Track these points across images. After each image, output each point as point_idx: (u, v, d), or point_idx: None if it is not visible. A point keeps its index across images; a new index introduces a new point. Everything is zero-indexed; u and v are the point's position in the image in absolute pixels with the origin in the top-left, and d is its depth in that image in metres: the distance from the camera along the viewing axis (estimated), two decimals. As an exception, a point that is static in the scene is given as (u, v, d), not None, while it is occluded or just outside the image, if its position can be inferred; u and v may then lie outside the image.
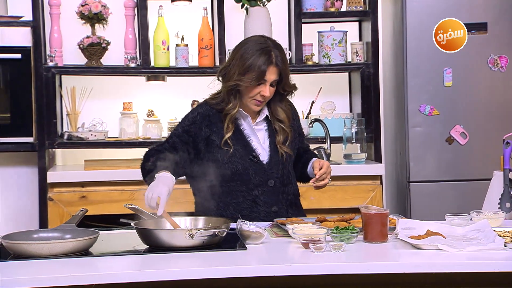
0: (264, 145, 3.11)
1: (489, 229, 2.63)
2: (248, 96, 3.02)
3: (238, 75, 2.98)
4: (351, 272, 2.37)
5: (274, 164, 3.08)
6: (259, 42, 3.02)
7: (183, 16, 4.82)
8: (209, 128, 3.06)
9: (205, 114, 3.08)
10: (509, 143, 3.17)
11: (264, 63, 2.95)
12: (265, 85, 2.99)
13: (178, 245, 2.54)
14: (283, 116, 3.12)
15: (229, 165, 3.04)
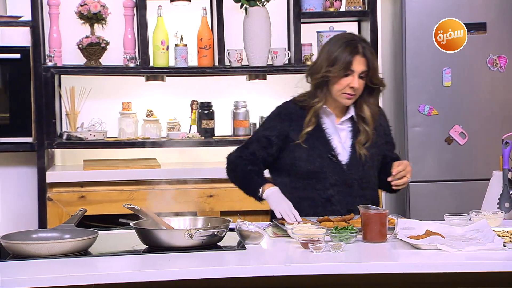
0: (345, 145, 3.07)
1: (488, 229, 2.63)
2: (337, 89, 3.00)
3: (326, 67, 2.99)
4: (350, 272, 2.37)
5: (354, 165, 3.05)
6: (345, 36, 3.06)
7: (182, 16, 4.82)
8: (290, 124, 3.07)
9: (287, 111, 3.10)
10: (508, 143, 3.17)
11: (350, 53, 2.97)
12: (353, 76, 2.98)
13: (177, 245, 2.54)
14: (368, 114, 3.07)
15: (305, 162, 3.04)
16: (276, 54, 4.71)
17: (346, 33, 3.11)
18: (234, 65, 4.71)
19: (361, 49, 2.97)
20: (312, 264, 2.39)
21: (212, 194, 4.45)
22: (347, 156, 3.05)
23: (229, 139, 4.74)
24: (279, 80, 4.92)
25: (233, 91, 4.89)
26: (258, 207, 4.42)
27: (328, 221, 2.84)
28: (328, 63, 2.99)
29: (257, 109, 4.85)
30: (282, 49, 4.74)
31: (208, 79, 4.88)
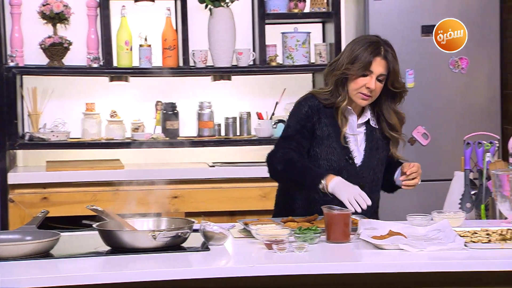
0: (360, 148, 3.05)
1: (449, 229, 2.65)
2: (354, 88, 2.97)
3: (347, 64, 2.96)
4: (313, 272, 2.38)
5: (366, 168, 3.04)
6: (370, 37, 3.05)
7: (146, 16, 4.79)
8: (318, 121, 3.02)
9: (316, 107, 3.02)
10: (469, 144, 3.21)
11: (371, 54, 2.94)
12: (371, 77, 2.95)
13: (141, 246, 2.52)
14: (394, 120, 3.04)
15: (325, 161, 3.00)
16: (241, 55, 4.71)
17: (372, 35, 3.08)
18: (199, 65, 4.70)
19: (383, 51, 2.96)
20: (276, 264, 2.39)
21: (177, 195, 4.44)
22: (361, 159, 3.04)
23: (194, 140, 4.73)
24: (244, 81, 4.93)
25: (197, 92, 4.88)
26: (223, 208, 4.46)
27: (292, 221, 2.85)
28: (349, 60, 2.96)
29: (222, 110, 4.85)
30: (246, 50, 4.74)
31: (172, 80, 4.86)
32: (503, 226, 2.75)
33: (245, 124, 4.83)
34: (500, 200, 2.82)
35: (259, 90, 4.97)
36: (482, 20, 4.55)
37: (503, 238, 2.57)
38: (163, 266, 2.39)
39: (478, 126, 4.46)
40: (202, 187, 4.46)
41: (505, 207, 2.82)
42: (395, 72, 2.98)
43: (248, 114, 4.85)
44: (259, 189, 4.45)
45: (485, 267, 2.39)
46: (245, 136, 4.81)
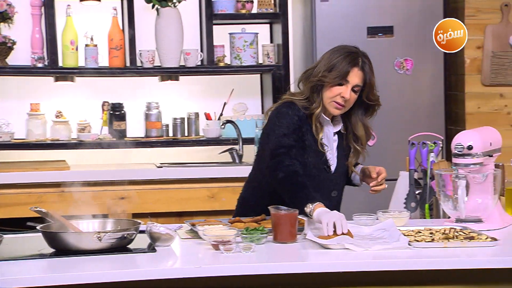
0: (334, 156, 3.06)
1: (394, 228, 2.69)
2: (329, 96, 2.96)
3: (323, 72, 2.95)
4: (260, 272, 2.39)
5: (340, 176, 3.07)
6: (349, 47, 3.03)
7: (92, 16, 4.75)
8: (306, 131, 2.99)
9: (303, 117, 2.99)
10: (414, 144, 3.26)
11: (349, 63, 2.94)
12: (347, 86, 2.95)
13: (86, 248, 2.50)
14: (361, 133, 3.06)
15: (311, 171, 2.97)
16: (189, 55, 4.70)
17: (351, 46, 3.06)
18: (146, 66, 4.67)
19: (361, 63, 2.97)
20: (223, 265, 2.39)
21: (124, 196, 4.40)
22: (335, 166, 3.06)
23: (141, 140, 4.70)
24: (191, 81, 4.91)
25: (145, 92, 4.86)
26: (170, 209, 4.44)
27: (239, 222, 2.85)
28: (326, 68, 2.96)
29: (170, 110, 4.83)
30: (194, 50, 4.73)
31: (119, 80, 4.83)
32: (446, 225, 2.79)
33: (193, 125, 4.82)
34: (443, 199, 2.87)
35: (207, 90, 4.97)
36: (426, 22, 4.62)
37: (446, 237, 2.61)
38: (109, 267, 2.37)
39: (422, 126, 4.53)
40: (149, 188, 4.44)
41: (448, 207, 2.87)
42: (371, 84, 3.00)
43: (196, 114, 4.84)
44: (207, 189, 4.44)
45: (428, 266, 2.43)
46: (193, 136, 4.80)
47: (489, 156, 2.88)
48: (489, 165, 2.90)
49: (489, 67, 4.70)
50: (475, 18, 4.68)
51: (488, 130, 2.99)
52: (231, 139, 4.75)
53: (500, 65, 4.69)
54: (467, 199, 2.82)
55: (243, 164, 4.65)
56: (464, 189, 2.79)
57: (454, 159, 2.85)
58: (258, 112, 5.00)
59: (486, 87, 4.73)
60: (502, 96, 4.74)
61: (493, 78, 4.71)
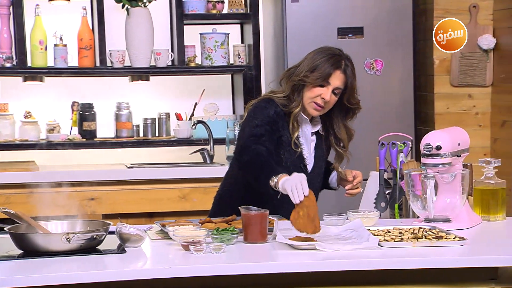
0: (311, 156, 3.08)
1: (362, 228, 2.70)
2: (309, 96, 2.97)
3: (306, 72, 2.96)
4: (230, 273, 2.38)
5: (316, 175, 3.09)
6: (333, 49, 3.03)
7: (61, 15, 4.72)
8: (282, 127, 3.00)
9: (280, 113, 3.00)
10: (384, 145, 3.28)
11: (332, 65, 2.95)
12: (328, 88, 2.96)
13: (55, 249, 2.48)
14: (344, 136, 3.08)
15: (288, 168, 2.96)
16: (159, 56, 4.69)
17: (335, 48, 3.07)
18: (116, 66, 4.65)
19: (344, 66, 2.98)
20: (193, 266, 2.38)
21: (93, 197, 4.38)
22: (312, 166, 3.08)
23: (111, 141, 4.68)
24: (162, 81, 4.90)
25: (115, 92, 4.83)
26: (141, 209, 4.42)
27: (209, 222, 2.85)
28: (309, 68, 2.97)
29: (140, 110, 4.81)
30: (165, 50, 4.72)
31: (89, 80, 4.80)
32: (415, 225, 2.81)
33: (164, 125, 4.81)
34: (413, 199, 2.89)
35: (178, 90, 4.95)
36: (396, 23, 4.66)
37: (415, 236, 2.63)
38: (78, 269, 2.35)
39: (392, 127, 4.55)
40: (120, 188, 4.41)
41: (417, 206, 2.89)
42: (352, 88, 3.01)
43: (167, 115, 4.82)
44: (178, 190, 4.43)
45: (397, 266, 2.44)
46: (164, 137, 4.79)
47: (457, 156, 2.91)
48: (458, 165, 2.92)
49: (457, 68, 4.74)
50: (444, 19, 4.71)
51: (456, 130, 3.01)
52: (202, 140, 4.74)
53: (468, 66, 4.74)
54: (435, 199, 2.84)
55: (215, 164, 4.65)
56: (432, 189, 2.81)
57: (423, 159, 2.87)
58: (229, 112, 4.99)
59: (454, 87, 4.78)
60: (470, 97, 4.78)
61: (461, 79, 4.75)
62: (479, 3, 4.70)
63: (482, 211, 3.02)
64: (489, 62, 4.71)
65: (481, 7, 4.70)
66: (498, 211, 3.01)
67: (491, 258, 2.48)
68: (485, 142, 4.78)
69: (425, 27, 4.84)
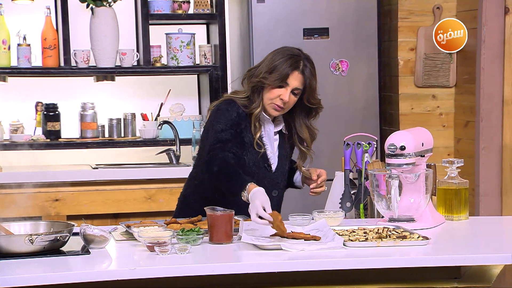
0: (275, 155, 3.07)
1: (327, 228, 2.71)
2: (268, 97, 2.97)
3: (264, 73, 2.96)
4: (196, 273, 2.38)
5: (280, 175, 3.09)
6: (292, 50, 3.02)
7: (25, 15, 4.67)
8: (245, 129, 3.00)
9: (242, 115, 2.99)
10: (349, 145, 3.29)
11: (290, 66, 2.95)
12: (287, 89, 2.95)
13: (17, 251, 2.46)
14: (306, 135, 3.08)
15: (251, 168, 2.98)
16: (125, 56, 4.66)
17: (295, 48, 3.07)
18: (81, 66, 4.62)
19: (302, 66, 2.98)
20: (157, 267, 2.37)
21: (58, 198, 4.34)
22: (276, 165, 3.08)
23: (76, 141, 4.65)
24: (127, 81, 4.88)
25: (80, 92, 4.80)
26: (106, 210, 4.39)
27: (175, 223, 2.84)
28: (267, 69, 2.97)
29: (106, 111, 4.78)
30: (130, 50, 4.70)
31: (53, 80, 4.76)
32: (379, 225, 2.83)
33: (129, 125, 4.79)
34: (377, 199, 2.91)
35: (144, 91, 4.93)
36: (361, 24, 4.68)
37: (379, 236, 2.65)
38: (41, 270, 2.33)
39: (357, 127, 4.58)
40: (84, 189, 4.38)
41: (381, 206, 2.91)
42: (312, 88, 3.01)
43: (132, 115, 4.80)
44: (144, 190, 4.41)
45: (362, 265, 2.45)
46: (130, 137, 4.77)
47: (421, 156, 2.93)
48: (421, 165, 2.95)
49: (421, 68, 4.79)
50: (408, 20, 4.76)
51: (420, 130, 3.04)
52: (168, 140, 4.73)
53: (432, 67, 4.78)
54: (400, 198, 2.86)
55: (181, 165, 4.64)
56: (397, 188, 2.83)
57: (387, 159, 2.90)
58: (195, 112, 4.98)
59: (419, 88, 4.82)
60: (434, 97, 4.83)
61: (425, 79, 4.80)
62: (442, 5, 4.75)
63: (445, 211, 3.05)
64: (453, 63, 4.76)
65: (444, 8, 4.75)
66: (461, 211, 3.05)
67: (454, 257, 2.51)
68: (449, 142, 4.83)
69: (390, 27, 4.87)
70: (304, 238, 2.60)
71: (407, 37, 4.76)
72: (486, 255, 2.53)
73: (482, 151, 4.47)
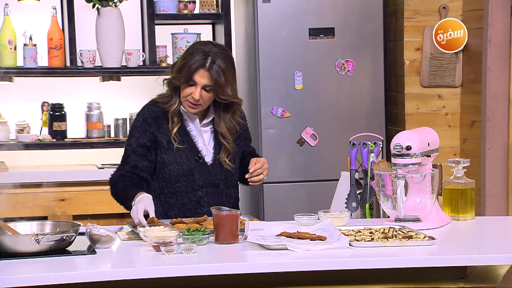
0: (209, 147, 3.08)
1: (333, 228, 2.70)
2: (182, 96, 3.00)
3: (175, 72, 2.98)
4: (201, 273, 2.38)
5: (218, 165, 3.08)
6: (201, 46, 3.01)
7: (31, 15, 4.68)
8: (157, 129, 3.03)
9: (151, 116, 3.04)
10: (355, 145, 3.29)
11: (195, 64, 2.94)
12: (196, 87, 2.95)
13: (24, 250, 2.46)
14: (224, 129, 3.06)
15: (174, 165, 3.02)
16: (130, 56, 4.67)
17: (206, 43, 3.05)
18: (87, 66, 4.62)
19: (209, 64, 2.94)
20: (163, 266, 2.38)
21: (64, 197, 4.35)
22: (211, 157, 3.08)
23: (82, 141, 4.65)
24: (133, 81, 4.88)
25: (86, 92, 4.81)
26: (112, 210, 4.39)
27: (181, 223, 2.84)
28: (177, 69, 2.99)
29: (111, 110, 4.79)
30: (136, 50, 4.70)
31: (59, 80, 4.76)
32: (385, 225, 2.83)
33: (135, 125, 4.78)
34: (383, 199, 2.90)
35: (149, 91, 4.89)
36: (366, 24, 4.68)
37: (385, 236, 2.64)
38: (47, 270, 2.33)
39: (363, 127, 4.59)
40: (90, 189, 4.39)
41: (387, 206, 2.90)
42: (219, 84, 2.96)
43: (138, 115, 4.80)
44: (149, 190, 4.40)
45: (368, 265, 2.45)
46: (135, 137, 4.76)
47: (427, 156, 2.93)
48: (427, 165, 2.95)
49: (427, 68, 4.78)
50: (414, 20, 4.76)
51: (426, 130, 3.03)
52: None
53: (438, 67, 4.78)
54: (405, 198, 2.85)
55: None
56: (403, 189, 2.83)
57: (393, 159, 2.89)
58: (200, 112, 4.98)
59: (424, 88, 4.81)
60: (440, 97, 4.82)
61: (431, 79, 4.79)
62: (448, 4, 4.74)
63: (451, 211, 3.05)
64: (459, 63, 4.75)
65: (450, 8, 4.74)
66: (467, 211, 3.04)
67: (460, 257, 2.50)
68: (455, 142, 4.82)
69: (396, 27, 4.87)
70: (310, 238, 2.60)
71: (413, 37, 4.75)
72: (492, 255, 2.52)
73: (488, 151, 4.46)
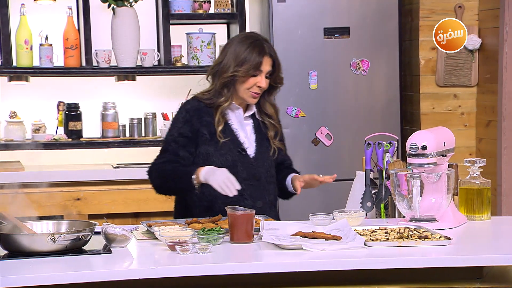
0: (251, 139, 3.13)
1: (348, 228, 2.70)
2: (245, 88, 3.05)
3: (235, 67, 3.02)
4: (216, 273, 2.39)
5: (261, 159, 3.12)
6: (250, 36, 3.10)
7: (47, 15, 4.70)
8: (199, 121, 3.07)
9: (194, 108, 3.10)
10: (370, 144, 3.28)
11: (259, 54, 3.03)
12: (261, 76, 3.04)
13: (40, 249, 2.47)
14: (271, 111, 3.17)
15: (218, 158, 3.05)
16: (145, 55, 4.68)
17: (250, 33, 3.17)
18: (102, 65, 4.64)
19: (268, 49, 3.06)
20: (178, 266, 2.38)
21: (79, 197, 4.37)
22: (254, 150, 3.13)
23: (98, 141, 4.67)
24: (148, 81, 4.89)
25: (101, 92, 4.82)
26: (127, 209, 4.41)
27: (196, 222, 2.85)
28: (237, 63, 3.03)
29: (127, 110, 4.80)
30: (151, 50, 4.71)
31: (75, 80, 4.78)
32: (401, 225, 2.82)
33: (150, 125, 4.80)
34: (398, 199, 2.89)
35: (164, 90, 4.95)
36: (382, 23, 4.67)
37: (401, 236, 2.64)
38: (63, 269, 2.34)
39: (378, 127, 4.57)
40: (106, 188, 4.40)
41: (402, 206, 2.89)
42: (279, 66, 3.11)
43: (153, 114, 4.81)
44: (164, 190, 4.41)
45: (383, 265, 2.45)
46: (150, 137, 4.78)
47: (442, 156, 2.92)
48: (443, 165, 2.94)
49: (443, 68, 4.76)
50: (430, 19, 4.74)
51: (442, 130, 3.02)
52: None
53: (453, 66, 4.76)
54: (421, 198, 2.85)
55: (201, 164, 4.64)
56: (418, 188, 2.82)
57: (409, 159, 2.88)
58: (215, 112, 4.98)
59: (440, 87, 4.79)
60: (455, 97, 4.80)
61: (447, 79, 4.77)
62: (464, 4, 4.72)
63: (467, 211, 3.04)
64: (474, 62, 4.73)
65: (466, 7, 4.72)
66: (483, 211, 3.03)
67: (476, 257, 2.50)
68: (470, 142, 4.80)
69: (411, 27, 4.85)
70: (325, 238, 2.60)
71: (429, 36, 4.73)
72: (508, 255, 2.51)
73: (504, 150, 4.44)
